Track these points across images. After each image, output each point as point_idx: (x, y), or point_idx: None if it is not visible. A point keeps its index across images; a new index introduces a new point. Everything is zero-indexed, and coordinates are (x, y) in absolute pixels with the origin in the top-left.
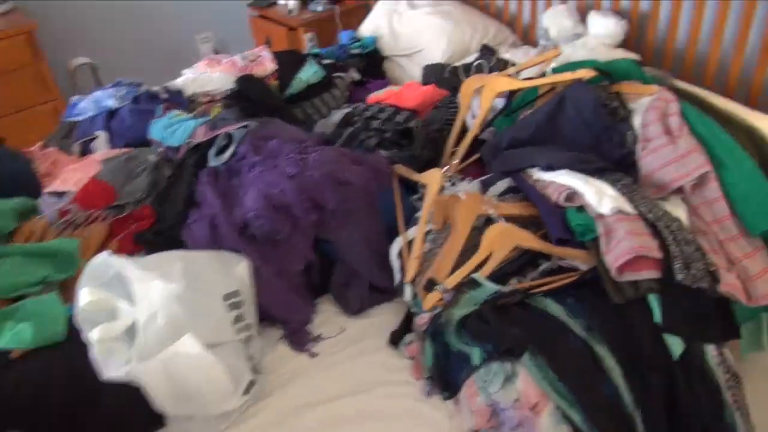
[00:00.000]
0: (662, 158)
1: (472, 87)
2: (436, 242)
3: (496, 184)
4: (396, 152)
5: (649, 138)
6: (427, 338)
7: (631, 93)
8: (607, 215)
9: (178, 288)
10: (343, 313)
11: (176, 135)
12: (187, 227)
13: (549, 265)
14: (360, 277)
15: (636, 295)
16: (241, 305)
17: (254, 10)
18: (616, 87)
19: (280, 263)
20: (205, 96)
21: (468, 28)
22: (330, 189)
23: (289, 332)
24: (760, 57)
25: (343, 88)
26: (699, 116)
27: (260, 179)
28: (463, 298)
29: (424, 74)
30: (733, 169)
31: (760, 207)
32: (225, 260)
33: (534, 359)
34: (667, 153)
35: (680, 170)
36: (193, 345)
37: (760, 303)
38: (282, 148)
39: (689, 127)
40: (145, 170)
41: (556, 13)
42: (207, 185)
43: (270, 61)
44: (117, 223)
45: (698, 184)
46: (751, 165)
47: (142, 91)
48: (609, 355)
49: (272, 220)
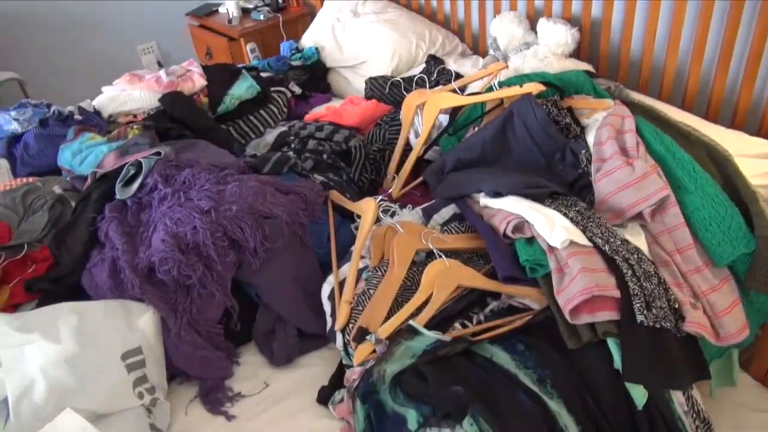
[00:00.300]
0: (618, 181)
1: (414, 103)
2: (371, 282)
3: (440, 211)
4: (332, 176)
5: (603, 158)
6: (357, 398)
7: (583, 108)
8: (558, 249)
9: (65, 349)
10: (269, 364)
11: (87, 162)
12: (87, 272)
13: (498, 305)
14: (287, 324)
15: (593, 339)
16: (143, 364)
17: (193, 19)
18: (568, 101)
19: (192, 312)
20: (126, 116)
21: (414, 37)
22: (250, 225)
23: (203, 391)
24: (718, 66)
25: (281, 104)
26: (656, 133)
27: (168, 215)
28: (399, 350)
29: (366, 88)
30: (695, 193)
31: (726, 235)
32: (127, 311)
33: (476, 424)
34: (624, 175)
35: (638, 194)
36: (74, 422)
37: (729, 342)
38: (196, 179)
39: (645, 145)
40: (45, 204)
41: (505, 21)
42: (111, 222)
43: (199, 76)
44: (12, 266)
45: (658, 210)
46: (713, 187)
47: (52, 113)
48: (564, 411)
49: (181, 263)
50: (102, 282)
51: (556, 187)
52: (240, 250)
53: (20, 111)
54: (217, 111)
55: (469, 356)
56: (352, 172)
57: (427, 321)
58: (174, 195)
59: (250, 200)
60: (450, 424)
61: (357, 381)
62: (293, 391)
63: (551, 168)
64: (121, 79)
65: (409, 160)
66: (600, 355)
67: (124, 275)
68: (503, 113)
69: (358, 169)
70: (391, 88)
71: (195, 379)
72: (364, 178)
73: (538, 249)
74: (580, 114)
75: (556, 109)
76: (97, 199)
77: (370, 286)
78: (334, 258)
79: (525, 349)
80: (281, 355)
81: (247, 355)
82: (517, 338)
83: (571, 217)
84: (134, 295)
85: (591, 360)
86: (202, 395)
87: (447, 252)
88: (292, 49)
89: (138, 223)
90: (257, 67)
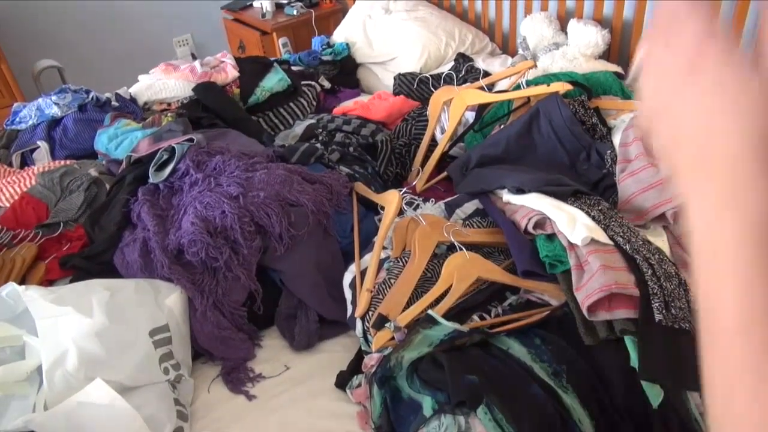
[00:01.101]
0: (642, 182)
1: (442, 99)
2: (392, 272)
3: (463, 205)
4: (357, 168)
5: (628, 159)
6: (374, 383)
7: (610, 109)
8: (579, 246)
9: (96, 323)
10: (290, 348)
11: (122, 147)
12: (119, 251)
13: (516, 299)
14: (308, 309)
15: (610, 337)
16: (169, 341)
17: (228, 13)
18: (595, 102)
19: (218, 294)
20: (160, 104)
21: (444, 35)
22: (276, 211)
23: (225, 371)
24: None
25: (310, 97)
26: None
27: (199, 200)
28: (417, 338)
29: (395, 84)
30: None
31: None
32: (156, 290)
33: (490, 413)
34: (648, 176)
35: (662, 195)
36: (103, 392)
37: None
38: (226, 165)
39: None
40: (81, 186)
41: (535, 21)
42: (143, 204)
43: (232, 68)
44: (48, 244)
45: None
46: None
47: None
48: (578, 405)
49: (209, 245)
50: (133, 261)
51: (578, 185)
52: (266, 236)
53: (61, 96)
54: (248, 102)
55: (485, 347)
56: (378, 165)
57: (445, 311)
58: (204, 180)
59: (278, 188)
60: (464, 411)
61: (375, 367)
62: (312, 374)
63: (575, 167)
64: (157, 69)
65: (434, 155)
66: (615, 353)
67: (154, 255)
68: (529, 111)
69: (384, 162)
70: (419, 84)
71: (218, 359)
72: (390, 171)
73: (559, 245)
74: (607, 115)
75: (582, 109)
76: (131, 182)
77: (391, 275)
78: (356, 247)
79: (541, 343)
80: (302, 339)
81: (269, 339)
82: (534, 332)
83: (593, 215)
84: (163, 275)
85: (606, 357)
86: (224, 374)
87: (468, 245)
88: (323, 44)
89: (169, 206)
90: (288, 61)
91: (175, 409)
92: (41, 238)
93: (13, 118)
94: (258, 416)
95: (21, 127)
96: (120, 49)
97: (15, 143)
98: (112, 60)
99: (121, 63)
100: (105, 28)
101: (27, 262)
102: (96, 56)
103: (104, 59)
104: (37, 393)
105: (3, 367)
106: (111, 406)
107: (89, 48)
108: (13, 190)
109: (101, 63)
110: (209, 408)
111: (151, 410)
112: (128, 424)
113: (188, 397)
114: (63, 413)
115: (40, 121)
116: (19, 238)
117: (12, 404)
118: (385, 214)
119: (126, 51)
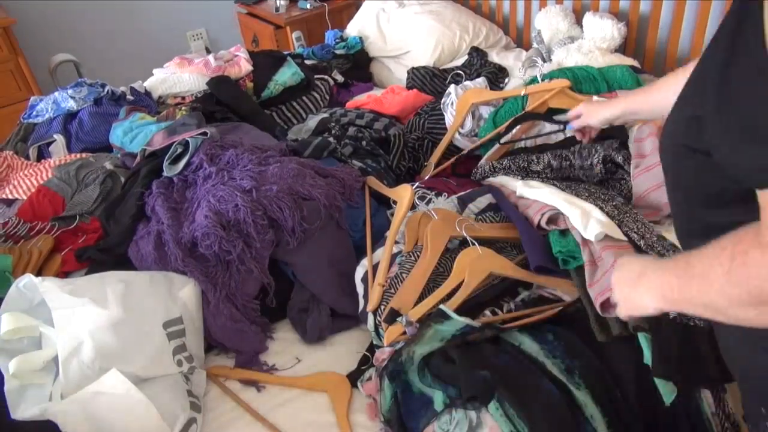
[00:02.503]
0: (657, 177)
1: (470, 101)
2: (404, 266)
3: (476, 200)
4: (370, 163)
5: (643, 154)
6: (384, 377)
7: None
8: (593, 242)
9: (111, 314)
10: (302, 341)
11: (137, 140)
12: (133, 243)
13: (529, 295)
14: (320, 303)
15: (623, 334)
16: (183, 333)
17: (242, 6)
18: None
19: (231, 287)
20: (174, 98)
21: (458, 28)
22: (289, 205)
23: (238, 362)
24: None
25: (323, 91)
26: None
27: (212, 193)
28: (428, 333)
29: (408, 77)
30: None
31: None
32: (170, 282)
33: (501, 408)
34: None
35: None
36: (118, 382)
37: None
38: (239, 159)
39: None
40: (96, 179)
41: (550, 14)
42: (158, 197)
43: (246, 62)
44: (64, 236)
45: None
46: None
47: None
48: (590, 401)
49: (222, 239)
50: (147, 254)
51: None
52: (278, 230)
53: (77, 89)
54: (262, 96)
55: (497, 343)
56: (390, 159)
57: (457, 306)
58: (218, 174)
59: (290, 181)
60: (475, 406)
61: (386, 361)
62: (323, 367)
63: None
64: (172, 63)
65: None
66: (628, 349)
67: (168, 248)
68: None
69: (397, 156)
70: (432, 78)
71: (231, 351)
72: (402, 165)
73: (572, 241)
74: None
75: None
76: (146, 175)
77: (403, 270)
78: (369, 241)
79: (554, 339)
80: (314, 332)
81: (281, 332)
82: (547, 328)
83: (607, 211)
84: (177, 268)
85: (619, 353)
86: (236, 366)
87: (480, 240)
88: (337, 38)
89: (183, 199)
90: (302, 55)
91: (188, 400)
92: (57, 230)
93: (29, 111)
94: (269, 408)
95: (38, 120)
96: (135, 43)
97: (32, 136)
98: (127, 54)
99: (136, 57)
100: (120, 23)
101: (43, 254)
102: (111, 50)
103: (119, 53)
104: (53, 383)
105: (20, 356)
106: (126, 396)
107: (105, 42)
108: (30, 183)
109: (116, 57)
110: (220, 400)
111: (165, 401)
112: (142, 415)
113: (201, 389)
114: (79, 402)
115: (57, 114)
116: (36, 231)
117: (28, 393)
118: (398, 208)
119: (141, 45)
